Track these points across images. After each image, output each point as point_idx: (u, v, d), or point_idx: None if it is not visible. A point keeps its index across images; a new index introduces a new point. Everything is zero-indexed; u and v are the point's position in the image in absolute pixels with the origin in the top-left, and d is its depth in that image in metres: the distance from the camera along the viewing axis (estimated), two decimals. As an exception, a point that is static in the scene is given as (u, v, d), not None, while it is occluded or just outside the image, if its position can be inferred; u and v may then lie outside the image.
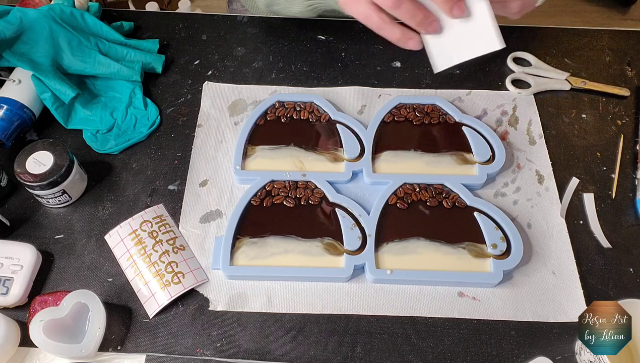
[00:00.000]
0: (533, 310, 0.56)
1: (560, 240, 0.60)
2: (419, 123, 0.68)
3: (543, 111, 0.71)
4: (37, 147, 0.59)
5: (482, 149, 0.65)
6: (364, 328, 0.55)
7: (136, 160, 0.66)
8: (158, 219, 0.60)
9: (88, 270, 0.58)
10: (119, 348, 0.54)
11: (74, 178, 0.60)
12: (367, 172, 0.63)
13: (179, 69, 0.75)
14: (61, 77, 0.66)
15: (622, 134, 0.69)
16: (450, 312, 0.56)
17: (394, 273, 0.57)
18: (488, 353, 0.54)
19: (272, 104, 0.69)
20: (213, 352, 0.54)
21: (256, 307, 0.56)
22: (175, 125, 0.69)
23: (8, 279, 0.54)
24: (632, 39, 0.78)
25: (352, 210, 0.60)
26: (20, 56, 0.65)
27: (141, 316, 0.56)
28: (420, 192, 0.62)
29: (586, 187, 0.64)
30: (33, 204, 0.62)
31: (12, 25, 0.65)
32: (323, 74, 0.74)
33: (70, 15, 0.69)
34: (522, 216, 0.62)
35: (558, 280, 0.58)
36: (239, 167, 0.64)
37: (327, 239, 0.59)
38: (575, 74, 0.74)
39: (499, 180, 0.65)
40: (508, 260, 0.57)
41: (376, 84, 0.73)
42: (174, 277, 0.56)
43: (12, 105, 0.64)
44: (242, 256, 0.58)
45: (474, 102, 0.71)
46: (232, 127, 0.69)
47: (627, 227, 0.62)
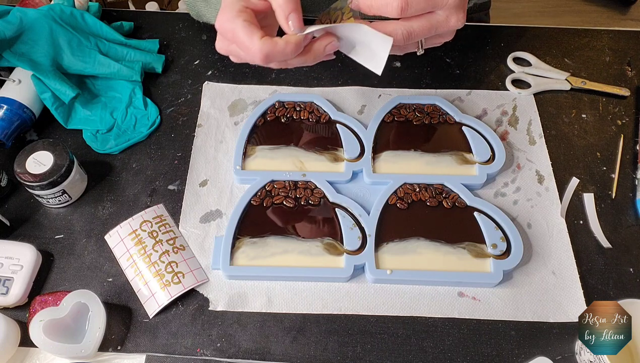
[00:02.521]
0: (533, 310, 0.56)
1: (560, 240, 0.60)
2: (419, 123, 0.68)
3: (543, 111, 0.71)
4: (37, 147, 0.59)
5: (482, 149, 0.65)
6: (364, 328, 0.55)
7: (136, 160, 0.66)
8: (158, 219, 0.60)
9: (88, 270, 0.58)
10: (119, 348, 0.54)
11: (74, 178, 0.60)
12: (367, 172, 0.63)
13: (179, 69, 0.75)
14: (61, 77, 0.66)
15: (622, 134, 0.69)
16: (450, 312, 0.56)
17: (394, 273, 0.57)
18: (488, 353, 0.54)
19: (272, 104, 0.69)
20: (213, 352, 0.54)
21: (256, 307, 0.56)
22: (175, 125, 0.69)
23: (8, 279, 0.54)
24: (632, 39, 0.78)
25: (352, 210, 0.60)
26: (20, 56, 0.65)
27: (141, 316, 0.56)
28: (420, 192, 0.62)
29: (586, 187, 0.64)
30: (33, 204, 0.62)
31: (12, 25, 0.65)
32: (323, 74, 0.74)
33: (70, 15, 0.69)
34: (522, 216, 0.62)
35: (558, 280, 0.58)
36: (239, 167, 0.64)
37: (327, 239, 0.59)
38: (575, 74, 0.74)
39: (499, 180, 0.65)
40: (508, 260, 0.57)
41: (376, 84, 0.73)
42: (174, 277, 0.56)
43: (12, 105, 0.64)
44: (242, 256, 0.58)
45: (474, 102, 0.71)
46: (232, 127, 0.69)
47: (627, 227, 0.62)
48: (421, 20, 0.47)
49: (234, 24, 0.48)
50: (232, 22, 0.48)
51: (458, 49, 0.76)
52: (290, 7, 0.48)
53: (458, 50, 0.76)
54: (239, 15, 0.48)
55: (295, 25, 0.48)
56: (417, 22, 0.47)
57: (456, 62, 0.75)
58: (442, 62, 0.76)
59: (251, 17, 0.49)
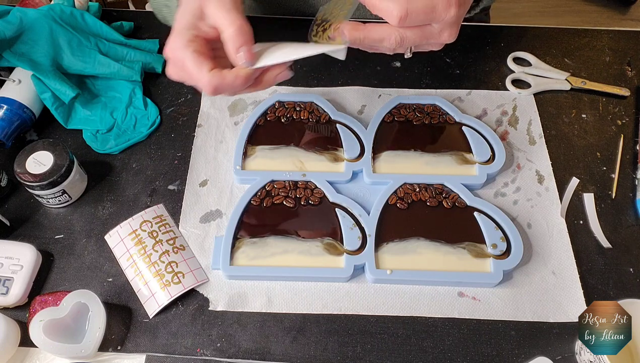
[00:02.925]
0: (533, 310, 0.56)
1: (560, 240, 0.60)
2: (419, 123, 0.68)
3: (543, 111, 0.71)
4: (37, 147, 0.59)
5: (482, 149, 0.65)
6: (364, 328, 0.55)
7: (136, 160, 0.66)
8: (158, 219, 0.60)
9: (88, 270, 0.58)
10: (119, 348, 0.54)
11: (74, 178, 0.60)
12: (367, 172, 0.63)
13: (179, 69, 0.74)
14: (61, 77, 0.66)
15: (622, 134, 0.69)
16: (450, 312, 0.56)
17: (394, 273, 0.57)
18: (488, 353, 0.54)
19: (272, 104, 0.69)
20: (213, 352, 0.54)
21: (256, 307, 0.56)
22: (175, 125, 0.69)
23: (8, 279, 0.54)
24: (632, 39, 0.78)
25: (352, 210, 0.60)
26: (20, 56, 0.65)
27: (141, 316, 0.56)
28: (420, 192, 0.62)
29: (586, 187, 0.64)
30: (33, 204, 0.62)
31: (12, 25, 0.65)
32: (323, 74, 0.74)
33: (70, 15, 0.69)
34: (522, 216, 0.62)
35: (558, 280, 0.58)
36: (239, 167, 0.64)
37: (327, 239, 0.59)
38: (575, 74, 0.74)
39: (499, 180, 0.65)
40: (508, 260, 0.57)
41: (376, 84, 0.73)
42: (174, 277, 0.56)
43: (12, 105, 0.64)
44: (242, 256, 0.58)
45: (474, 102, 0.71)
46: (232, 127, 0.69)
47: (627, 227, 0.62)
48: (415, 29, 0.47)
49: (184, 54, 0.48)
50: (182, 51, 0.48)
51: (458, 49, 0.76)
52: (240, 41, 0.47)
53: (458, 50, 0.76)
54: (189, 45, 0.48)
55: (245, 59, 0.48)
56: (411, 31, 0.47)
57: (456, 62, 0.75)
58: (442, 62, 0.76)
59: (201, 46, 0.49)
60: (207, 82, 0.47)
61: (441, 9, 0.45)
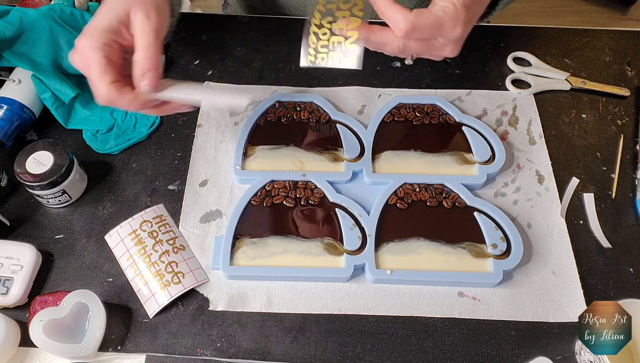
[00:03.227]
0: (533, 310, 0.56)
1: (560, 240, 0.60)
2: (419, 123, 0.68)
3: (543, 111, 0.71)
4: (37, 147, 0.59)
5: (482, 149, 0.65)
6: (364, 328, 0.55)
7: (136, 160, 0.66)
8: (158, 219, 0.60)
9: (88, 270, 0.58)
10: (119, 348, 0.54)
11: (74, 178, 0.60)
12: (367, 172, 0.63)
13: (179, 69, 0.75)
14: (61, 77, 0.66)
15: (622, 134, 0.69)
16: (450, 312, 0.56)
17: (394, 273, 0.57)
18: (488, 353, 0.54)
19: (272, 104, 0.69)
20: (213, 352, 0.54)
21: (256, 307, 0.56)
22: (175, 125, 0.69)
23: (8, 279, 0.54)
24: (632, 39, 0.78)
25: (352, 210, 0.60)
26: (20, 56, 0.65)
27: (141, 316, 0.56)
28: (420, 192, 0.62)
29: (586, 187, 0.64)
30: (33, 204, 0.62)
31: (12, 25, 0.65)
32: (323, 74, 0.74)
33: (70, 15, 0.69)
34: (522, 216, 0.62)
35: (558, 280, 0.58)
36: (239, 167, 0.64)
37: (327, 239, 0.59)
38: (575, 74, 0.74)
39: (499, 180, 0.65)
40: (508, 260, 0.57)
41: (376, 84, 0.73)
42: (174, 277, 0.56)
43: (12, 105, 0.64)
44: (242, 256, 0.58)
45: (474, 102, 0.71)
46: (232, 127, 0.69)
47: (627, 227, 0.62)
48: (420, 41, 0.47)
49: (93, 56, 0.47)
50: (92, 52, 0.47)
51: (458, 49, 0.76)
52: (147, 66, 0.47)
53: (458, 50, 0.76)
54: (101, 49, 0.47)
55: (149, 86, 0.47)
56: (415, 43, 0.47)
57: (456, 62, 0.75)
58: (442, 62, 0.75)
59: (114, 53, 0.48)
60: (103, 94, 0.47)
61: (448, 27, 0.45)
